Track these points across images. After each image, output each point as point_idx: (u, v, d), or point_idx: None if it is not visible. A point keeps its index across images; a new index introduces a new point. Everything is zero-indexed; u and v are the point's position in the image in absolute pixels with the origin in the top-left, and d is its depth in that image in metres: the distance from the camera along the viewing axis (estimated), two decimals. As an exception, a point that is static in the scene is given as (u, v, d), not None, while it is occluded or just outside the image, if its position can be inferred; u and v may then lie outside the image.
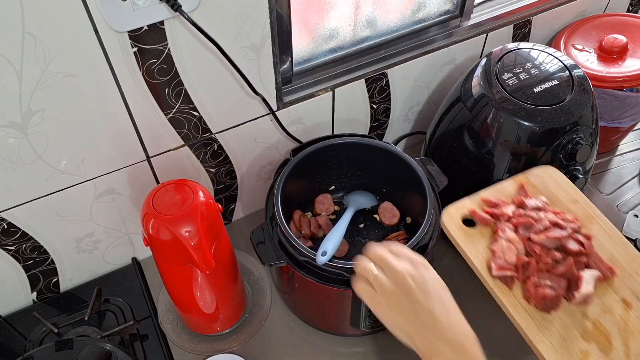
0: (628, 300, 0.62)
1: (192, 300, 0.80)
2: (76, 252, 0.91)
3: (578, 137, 0.81)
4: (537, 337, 0.60)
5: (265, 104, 0.87)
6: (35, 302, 0.95)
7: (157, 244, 0.72)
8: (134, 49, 0.70)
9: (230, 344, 0.89)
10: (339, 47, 0.95)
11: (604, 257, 0.65)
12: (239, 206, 1.06)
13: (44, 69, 0.65)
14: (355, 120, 1.05)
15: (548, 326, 0.61)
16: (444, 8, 1.01)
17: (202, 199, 0.71)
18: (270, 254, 0.79)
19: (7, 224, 0.80)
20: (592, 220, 0.67)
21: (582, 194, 0.70)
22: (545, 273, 0.62)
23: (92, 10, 0.63)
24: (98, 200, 0.85)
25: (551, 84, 0.82)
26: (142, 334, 0.91)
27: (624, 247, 0.65)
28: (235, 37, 0.76)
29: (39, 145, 0.72)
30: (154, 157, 0.85)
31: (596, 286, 0.62)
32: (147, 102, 0.77)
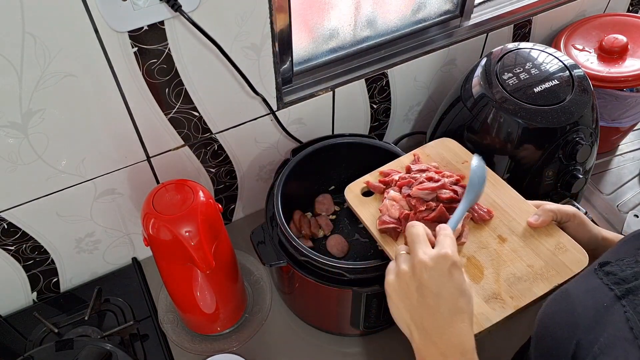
0: (504, 236, 0.69)
1: (192, 300, 0.80)
2: (76, 252, 0.91)
3: (578, 137, 0.81)
4: None
5: (266, 104, 0.87)
6: (35, 302, 0.95)
7: (157, 244, 0.72)
8: (134, 49, 0.70)
9: (231, 344, 0.89)
10: (339, 47, 0.95)
11: (485, 202, 0.72)
12: (239, 206, 1.06)
13: (44, 69, 0.65)
14: (355, 120, 1.05)
15: None
16: (444, 8, 1.01)
17: (202, 199, 0.71)
18: (271, 254, 0.79)
19: (7, 224, 0.80)
20: None
21: (471, 154, 0.77)
22: (422, 221, 0.67)
23: (92, 10, 0.63)
24: (98, 200, 0.85)
25: (551, 84, 0.82)
26: (142, 334, 0.91)
27: (505, 193, 0.73)
28: (236, 37, 0.76)
29: (39, 145, 0.72)
30: (154, 157, 0.85)
31: (466, 225, 0.70)
32: (147, 102, 0.77)
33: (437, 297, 0.53)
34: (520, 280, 0.64)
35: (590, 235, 0.68)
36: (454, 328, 0.52)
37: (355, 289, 0.73)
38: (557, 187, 0.86)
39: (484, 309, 0.62)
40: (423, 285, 0.54)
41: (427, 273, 0.54)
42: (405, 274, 0.55)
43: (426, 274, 0.53)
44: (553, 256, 0.66)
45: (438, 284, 0.53)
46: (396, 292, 0.56)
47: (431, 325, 0.53)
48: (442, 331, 0.52)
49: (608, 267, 0.49)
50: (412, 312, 0.54)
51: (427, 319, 0.53)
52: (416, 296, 0.54)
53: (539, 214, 0.68)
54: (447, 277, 0.53)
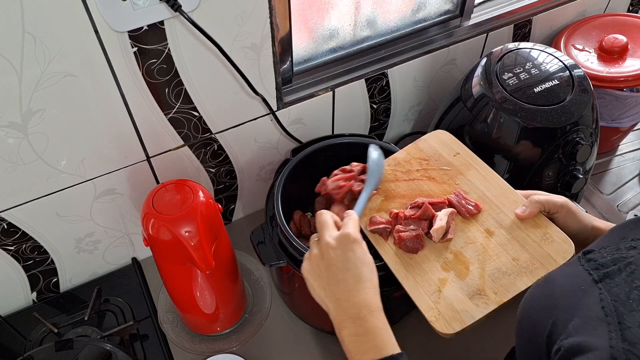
0: (491, 229, 0.70)
1: (192, 300, 0.80)
2: (76, 252, 0.91)
3: (578, 137, 0.81)
4: (402, 274, 0.68)
5: (265, 104, 0.87)
6: (35, 302, 0.95)
7: (157, 244, 0.72)
8: (134, 49, 0.70)
9: (230, 344, 0.89)
10: (339, 47, 0.95)
11: (474, 195, 0.73)
12: (239, 206, 1.06)
13: (44, 69, 0.65)
14: (355, 120, 1.05)
15: (414, 264, 0.69)
16: (444, 8, 1.01)
17: (202, 199, 0.71)
18: (270, 254, 0.78)
19: (7, 224, 0.80)
20: (469, 167, 0.76)
21: (464, 146, 0.79)
22: (410, 220, 0.72)
23: (92, 10, 0.63)
24: (98, 200, 0.85)
25: (551, 84, 0.82)
26: (142, 334, 0.91)
27: (495, 184, 0.74)
28: (236, 37, 0.76)
29: (39, 146, 0.72)
30: (154, 157, 0.85)
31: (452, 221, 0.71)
32: (147, 102, 0.77)
33: (343, 270, 0.60)
34: (504, 274, 0.65)
35: (580, 225, 0.68)
36: (361, 293, 0.59)
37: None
38: (557, 187, 0.86)
39: (467, 306, 0.64)
40: (330, 263, 0.61)
41: (333, 252, 0.61)
42: (315, 256, 0.63)
43: (332, 253, 0.61)
44: (539, 248, 0.66)
45: (342, 259, 0.61)
46: (310, 273, 0.63)
47: (341, 294, 0.60)
48: (349, 297, 0.59)
49: (591, 254, 0.51)
50: (325, 287, 0.61)
51: (337, 290, 0.60)
52: (326, 274, 0.61)
53: (526, 206, 0.68)
54: (351, 253, 0.61)
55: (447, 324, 0.63)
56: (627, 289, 0.44)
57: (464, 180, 0.75)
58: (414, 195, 0.76)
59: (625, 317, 0.42)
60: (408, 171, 0.79)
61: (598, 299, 0.45)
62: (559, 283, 0.52)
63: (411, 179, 0.78)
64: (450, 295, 0.65)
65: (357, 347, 0.58)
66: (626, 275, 0.45)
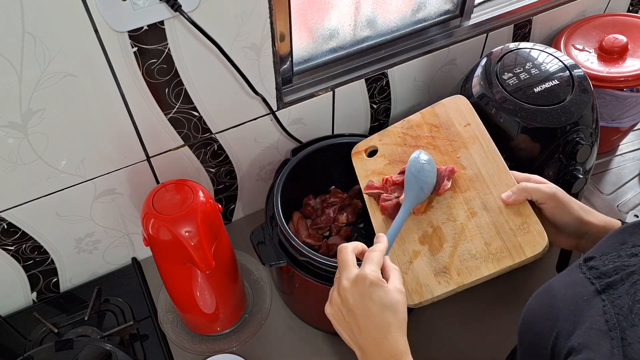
0: (475, 210, 0.69)
1: (192, 300, 0.80)
2: (76, 252, 0.91)
3: (578, 137, 0.81)
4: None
5: (265, 104, 0.87)
6: (35, 302, 0.95)
7: (157, 244, 0.72)
8: (134, 49, 0.70)
9: (230, 344, 0.89)
10: (339, 47, 0.95)
11: (471, 172, 0.72)
12: (239, 206, 1.06)
13: (44, 69, 0.65)
14: (355, 120, 1.05)
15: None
16: (444, 8, 1.01)
17: (202, 199, 0.71)
18: (270, 254, 0.78)
19: (7, 224, 0.80)
20: (475, 141, 0.75)
21: (477, 118, 0.77)
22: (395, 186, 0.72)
23: (92, 10, 0.63)
24: (98, 200, 0.85)
25: (551, 84, 0.82)
26: (142, 334, 0.91)
27: (493, 163, 0.72)
28: (236, 37, 0.76)
29: (39, 145, 0.72)
30: (154, 157, 0.85)
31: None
32: (147, 102, 0.77)
33: (365, 318, 0.57)
34: (473, 257, 0.65)
35: (570, 218, 0.66)
36: (386, 340, 0.56)
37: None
38: (557, 187, 0.86)
39: (430, 281, 0.65)
40: (350, 309, 0.58)
41: (352, 298, 0.57)
42: (336, 300, 0.59)
43: (351, 299, 0.57)
44: (513, 236, 0.64)
45: (362, 307, 0.57)
46: (334, 317, 0.60)
47: (366, 343, 0.57)
48: (375, 346, 0.56)
49: (592, 262, 0.50)
50: (349, 333, 0.59)
51: (361, 338, 0.57)
52: (348, 320, 0.58)
53: (513, 192, 0.66)
54: (368, 297, 0.57)
55: (408, 294, 0.64)
56: (630, 302, 0.43)
57: (465, 154, 0.74)
58: None
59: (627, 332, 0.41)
60: (417, 136, 0.78)
61: (602, 311, 0.44)
62: (560, 293, 0.50)
63: (418, 145, 0.78)
64: (418, 269, 0.66)
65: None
66: (629, 286, 0.44)
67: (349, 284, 0.58)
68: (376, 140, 0.84)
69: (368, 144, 0.84)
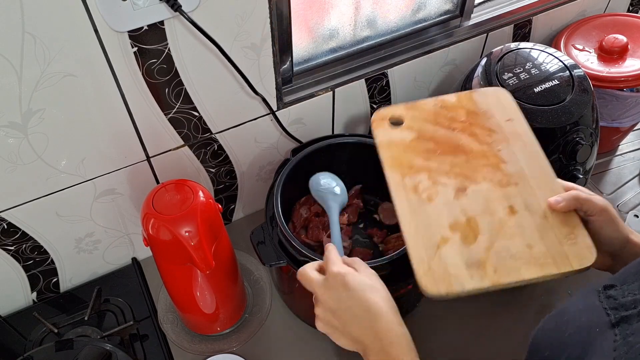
0: (515, 208, 0.64)
1: (192, 300, 0.80)
2: (76, 252, 0.91)
3: (578, 137, 0.81)
4: (407, 218, 0.63)
5: (265, 104, 0.87)
6: (35, 302, 0.95)
7: (157, 244, 0.72)
8: (134, 49, 0.70)
9: (230, 344, 0.89)
10: (339, 47, 0.95)
11: (513, 169, 0.67)
12: (239, 206, 1.06)
13: (44, 69, 0.65)
14: (355, 120, 1.05)
15: (422, 212, 0.64)
16: (444, 8, 1.01)
17: (202, 199, 0.71)
18: (270, 254, 0.78)
19: (7, 224, 0.80)
20: (518, 138, 0.70)
21: (521, 115, 0.72)
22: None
23: (92, 10, 0.63)
24: (98, 200, 0.85)
25: (551, 84, 0.82)
26: (142, 334, 0.90)
27: (538, 165, 0.67)
28: (236, 37, 0.76)
29: (39, 146, 0.72)
30: (154, 157, 0.85)
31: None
32: (147, 102, 0.77)
33: (351, 309, 0.58)
34: (512, 257, 0.60)
35: (616, 235, 0.62)
36: (380, 324, 0.57)
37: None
38: (557, 187, 0.86)
39: (461, 273, 0.59)
40: (334, 309, 0.59)
41: (330, 299, 0.59)
42: (320, 313, 0.61)
43: (331, 301, 0.59)
44: (558, 244, 0.60)
45: (344, 299, 0.58)
46: (326, 329, 0.61)
47: (362, 334, 0.57)
48: (373, 335, 0.57)
49: (612, 290, 0.48)
50: (345, 334, 0.59)
51: (356, 332, 0.58)
52: (337, 321, 0.59)
53: (563, 197, 0.61)
54: (345, 289, 0.58)
55: (434, 282, 0.58)
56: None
57: (507, 148, 0.69)
58: (449, 146, 0.69)
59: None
60: (452, 118, 0.72)
61: (612, 346, 0.42)
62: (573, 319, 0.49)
63: (452, 128, 0.71)
64: (448, 257, 0.60)
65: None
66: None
67: (323, 291, 0.60)
68: (403, 110, 0.75)
69: (394, 112, 0.74)
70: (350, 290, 0.58)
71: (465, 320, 0.91)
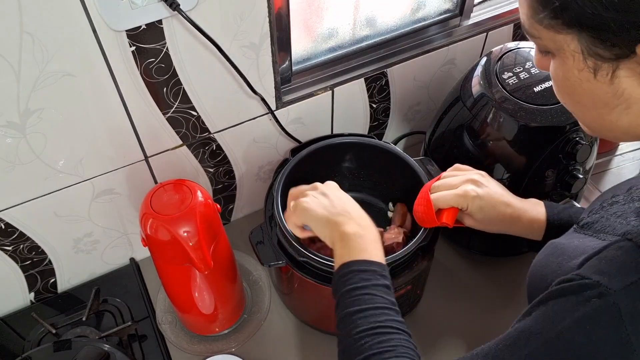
0: None
1: (190, 300, 0.80)
2: (74, 252, 0.91)
3: (578, 137, 0.81)
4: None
5: (264, 104, 0.87)
6: (33, 302, 0.95)
7: (156, 244, 0.71)
8: (132, 48, 0.69)
9: (229, 345, 0.89)
10: (338, 47, 0.94)
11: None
12: (237, 206, 1.06)
13: (42, 69, 0.65)
14: (354, 119, 1.05)
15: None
16: (444, 7, 1.01)
17: (200, 199, 0.71)
18: (269, 254, 0.78)
19: (4, 224, 0.79)
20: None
21: None
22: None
23: (90, 9, 0.63)
24: (96, 200, 0.85)
25: (551, 83, 0.82)
26: (140, 334, 0.90)
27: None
28: (234, 36, 0.76)
29: (37, 145, 0.72)
30: (152, 157, 0.85)
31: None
32: (145, 102, 0.76)
33: (338, 197, 0.70)
34: None
35: (497, 213, 0.73)
36: (360, 211, 0.68)
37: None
38: (557, 187, 0.86)
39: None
40: (325, 192, 0.70)
41: (324, 188, 0.71)
42: (312, 193, 0.71)
43: (324, 188, 0.71)
44: None
45: (333, 188, 0.72)
46: (310, 203, 0.69)
47: (343, 208, 0.67)
48: (352, 210, 0.67)
49: (582, 221, 0.58)
50: (326, 207, 0.68)
51: (339, 204, 0.68)
52: (326, 200, 0.69)
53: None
54: (336, 189, 0.72)
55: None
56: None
57: None
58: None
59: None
60: None
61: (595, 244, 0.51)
62: (561, 242, 0.57)
63: None
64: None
65: (355, 245, 0.63)
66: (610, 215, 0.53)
67: (317, 185, 0.72)
68: None
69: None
70: (341, 191, 0.71)
71: (465, 320, 0.91)
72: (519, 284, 0.96)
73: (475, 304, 0.93)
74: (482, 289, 0.96)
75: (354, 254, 0.62)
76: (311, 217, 0.68)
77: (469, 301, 0.94)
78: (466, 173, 0.76)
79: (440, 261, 0.99)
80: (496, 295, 0.95)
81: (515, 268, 0.97)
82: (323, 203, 0.68)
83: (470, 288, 0.96)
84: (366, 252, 0.62)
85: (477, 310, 0.92)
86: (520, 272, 0.97)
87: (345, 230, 0.64)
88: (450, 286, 0.96)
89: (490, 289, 0.96)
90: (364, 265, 0.61)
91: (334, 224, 0.65)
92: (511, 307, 0.93)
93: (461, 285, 0.96)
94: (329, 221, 0.66)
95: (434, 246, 0.79)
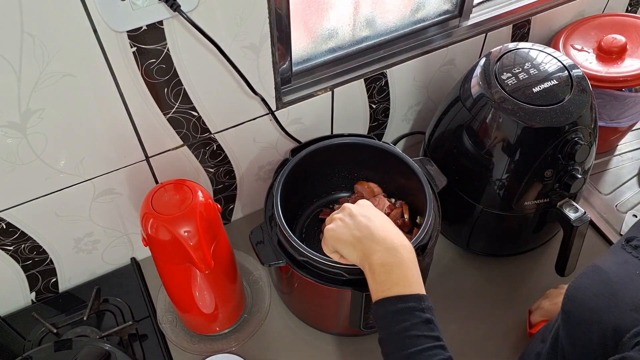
0: None
1: (191, 300, 0.80)
2: (75, 252, 0.91)
3: (577, 137, 0.81)
4: None
5: (264, 104, 0.87)
6: (34, 302, 0.95)
7: (156, 244, 0.72)
8: (133, 49, 0.69)
9: (229, 344, 0.89)
10: (338, 47, 0.95)
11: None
12: (238, 206, 1.06)
13: (43, 69, 0.65)
14: (354, 120, 1.05)
15: None
16: (443, 8, 1.01)
17: (201, 199, 0.71)
18: (270, 254, 0.78)
19: (5, 224, 0.79)
20: None
21: None
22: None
23: (91, 10, 0.63)
24: (97, 200, 0.85)
25: (550, 84, 0.82)
26: (141, 334, 0.90)
27: None
28: (235, 37, 0.76)
29: (38, 145, 0.72)
30: (152, 157, 0.85)
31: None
32: (146, 102, 0.77)
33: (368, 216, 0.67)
34: None
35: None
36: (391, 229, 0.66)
37: (354, 289, 0.73)
38: (556, 187, 0.86)
39: None
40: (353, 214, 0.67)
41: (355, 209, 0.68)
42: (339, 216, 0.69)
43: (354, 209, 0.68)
44: None
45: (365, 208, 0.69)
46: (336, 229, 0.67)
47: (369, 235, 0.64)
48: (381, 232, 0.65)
49: (634, 241, 0.54)
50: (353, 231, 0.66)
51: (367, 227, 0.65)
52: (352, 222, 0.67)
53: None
54: (370, 208, 0.69)
55: None
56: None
57: None
58: None
59: None
60: None
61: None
62: (612, 270, 0.53)
63: None
64: None
65: (386, 277, 0.60)
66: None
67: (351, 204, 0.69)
68: None
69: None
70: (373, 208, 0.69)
71: (465, 320, 0.91)
72: (519, 284, 0.96)
73: (475, 304, 0.94)
74: (482, 289, 0.96)
75: (386, 288, 0.60)
76: (337, 244, 0.67)
77: (469, 301, 0.94)
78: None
79: (440, 261, 0.99)
80: (496, 295, 0.95)
81: (515, 268, 0.98)
82: (348, 227, 0.66)
83: (470, 288, 0.96)
84: (398, 285, 0.60)
85: (477, 310, 0.93)
86: (520, 272, 0.98)
87: (372, 262, 0.62)
88: (450, 286, 0.96)
89: (490, 289, 0.96)
90: (398, 303, 0.59)
91: (359, 251, 0.64)
92: (511, 307, 0.93)
93: (461, 285, 0.96)
94: (355, 247, 0.65)
95: (433, 246, 0.79)
